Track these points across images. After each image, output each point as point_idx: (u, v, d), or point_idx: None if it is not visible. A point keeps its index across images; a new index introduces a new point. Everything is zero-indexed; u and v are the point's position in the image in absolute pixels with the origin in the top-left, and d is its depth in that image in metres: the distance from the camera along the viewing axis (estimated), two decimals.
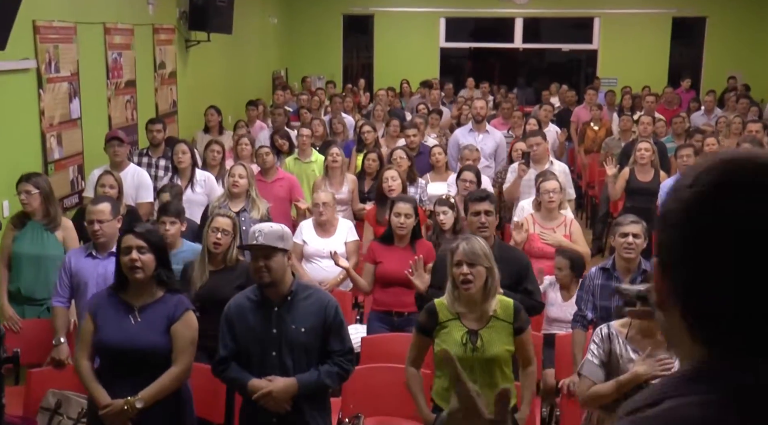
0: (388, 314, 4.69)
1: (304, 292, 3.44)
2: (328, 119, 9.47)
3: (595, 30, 15.14)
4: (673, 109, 10.91)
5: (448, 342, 3.36)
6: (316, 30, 14.95)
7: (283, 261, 3.37)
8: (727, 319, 0.88)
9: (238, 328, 3.39)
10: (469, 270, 3.32)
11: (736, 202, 0.88)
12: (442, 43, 15.44)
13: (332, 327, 3.38)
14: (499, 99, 11.02)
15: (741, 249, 0.86)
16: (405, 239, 4.75)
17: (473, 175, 5.94)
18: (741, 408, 0.84)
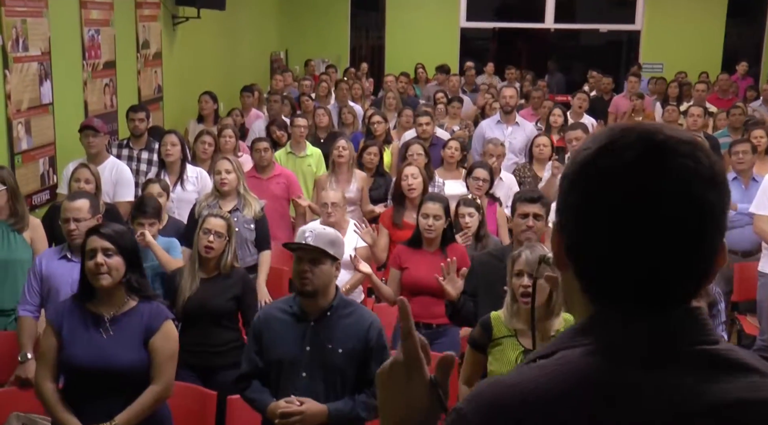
0: (416, 326, 4.66)
1: (345, 308, 3.42)
2: (331, 107, 9.48)
3: (639, 8, 15.08)
4: (728, 98, 10.86)
5: (502, 361, 3.36)
6: (320, 6, 14.96)
7: (330, 271, 3.37)
8: (605, 276, 1.08)
9: (266, 342, 3.38)
10: (530, 282, 3.30)
11: (614, 165, 1.06)
12: (462, 23, 15.42)
13: (374, 351, 3.34)
14: (527, 87, 11.00)
15: (614, 210, 1.05)
16: (434, 242, 4.77)
17: (486, 173, 5.92)
18: (613, 355, 1.04)
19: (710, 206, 1.06)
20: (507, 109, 7.91)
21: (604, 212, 1.06)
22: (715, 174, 1.07)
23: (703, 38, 14.55)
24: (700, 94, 10.00)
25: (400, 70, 12.82)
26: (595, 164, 1.08)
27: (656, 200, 1.04)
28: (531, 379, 1.04)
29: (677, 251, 1.05)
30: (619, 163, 1.06)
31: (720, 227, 1.08)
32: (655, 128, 1.10)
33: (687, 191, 1.05)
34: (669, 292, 1.07)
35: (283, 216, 6.43)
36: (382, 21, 15.58)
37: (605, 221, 1.06)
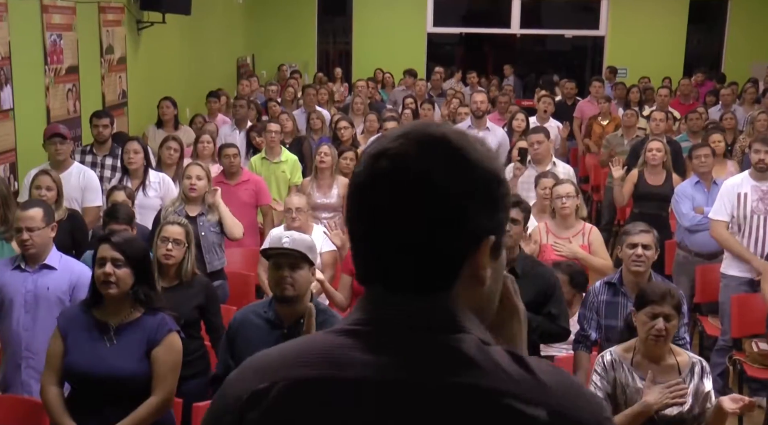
0: None
1: (318, 316, 3.37)
2: (299, 113, 9.46)
3: (603, 14, 15.25)
4: (690, 103, 11.00)
5: None
6: (287, 11, 14.93)
7: (308, 276, 3.37)
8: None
9: (240, 346, 3.36)
10: None
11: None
12: (429, 28, 15.48)
13: None
14: (494, 92, 11.06)
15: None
16: None
17: None
18: (361, 333, 1.14)
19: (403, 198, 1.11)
20: (478, 114, 7.94)
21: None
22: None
23: (665, 44, 14.74)
24: (662, 99, 10.11)
25: (367, 75, 12.84)
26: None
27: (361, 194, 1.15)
28: (282, 346, 1.22)
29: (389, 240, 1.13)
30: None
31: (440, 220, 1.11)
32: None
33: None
34: (400, 280, 1.13)
35: (250, 223, 6.39)
36: (349, 26, 15.59)
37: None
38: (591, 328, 4.07)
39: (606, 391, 3.26)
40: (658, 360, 3.28)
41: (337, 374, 1.11)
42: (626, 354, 3.34)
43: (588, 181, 9.87)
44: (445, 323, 1.13)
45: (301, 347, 1.19)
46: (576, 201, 5.31)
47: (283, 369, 1.15)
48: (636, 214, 6.78)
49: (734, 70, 14.00)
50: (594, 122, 9.86)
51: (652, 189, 6.73)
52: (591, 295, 4.15)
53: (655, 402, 3.13)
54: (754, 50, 14.28)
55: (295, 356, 1.16)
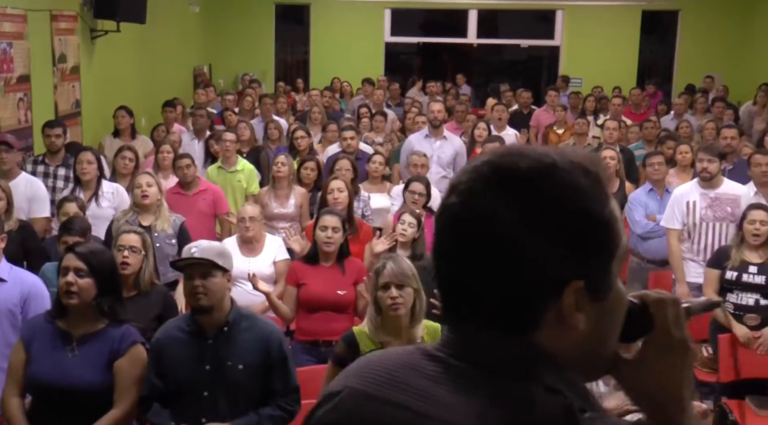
0: (314, 344, 4.64)
1: (243, 322, 3.40)
2: (256, 122, 9.44)
3: (558, 24, 15.46)
4: (641, 113, 11.19)
5: None
6: (244, 20, 14.89)
7: (222, 283, 3.35)
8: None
9: (167, 363, 3.34)
10: (398, 293, 3.34)
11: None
12: (387, 38, 15.55)
13: (275, 363, 3.34)
14: (451, 101, 11.13)
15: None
16: (331, 256, 4.74)
17: (423, 187, 5.94)
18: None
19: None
20: (435, 123, 7.99)
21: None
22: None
23: (619, 54, 14.98)
24: (616, 108, 10.27)
25: (325, 85, 12.85)
26: None
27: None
28: (379, 354, 1.20)
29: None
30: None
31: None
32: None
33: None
34: (457, 311, 1.09)
35: (209, 233, 6.34)
36: (307, 35, 15.59)
37: None
38: None
39: None
40: None
41: (395, 397, 1.06)
42: None
43: None
44: (515, 369, 1.04)
45: (388, 357, 1.16)
46: None
47: (356, 377, 1.14)
48: None
49: (686, 81, 14.27)
50: (550, 130, 9.98)
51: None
52: None
53: (614, 407, 3.17)
54: (705, 61, 14.58)
55: (375, 365, 1.14)
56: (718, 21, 14.66)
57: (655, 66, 15.58)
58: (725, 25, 14.64)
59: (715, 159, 5.71)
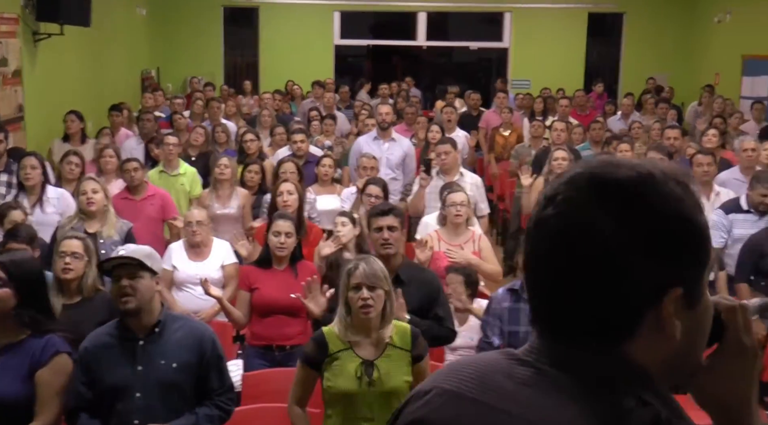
0: (268, 348, 4.63)
1: (174, 323, 3.38)
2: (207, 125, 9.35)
3: (506, 26, 15.62)
4: (586, 114, 11.35)
5: (340, 376, 3.36)
6: (192, 24, 14.77)
7: (151, 285, 3.32)
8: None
9: (96, 371, 3.29)
10: (369, 294, 3.34)
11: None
12: (336, 41, 15.55)
13: (210, 362, 3.33)
14: (401, 104, 11.17)
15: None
16: (284, 260, 4.73)
17: (380, 189, 5.94)
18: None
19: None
20: (383, 125, 8.00)
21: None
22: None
23: (566, 56, 15.20)
24: (563, 109, 10.40)
25: (275, 88, 12.79)
26: None
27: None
28: (469, 357, 1.26)
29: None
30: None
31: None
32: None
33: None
34: (562, 328, 1.10)
35: (158, 238, 6.27)
36: (256, 38, 15.51)
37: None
38: (494, 335, 4.15)
39: None
40: None
41: (487, 396, 1.09)
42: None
43: (493, 190, 10.06)
44: (607, 379, 1.05)
45: (476, 360, 1.20)
46: (469, 209, 5.42)
47: (445, 378, 1.16)
48: None
49: (632, 82, 14.54)
50: (496, 133, 10.06)
51: None
52: (494, 302, 4.22)
53: None
54: (650, 62, 14.86)
55: (464, 368, 1.17)
56: (661, 24, 14.97)
57: (601, 68, 15.83)
58: (669, 27, 14.96)
59: (665, 158, 5.81)
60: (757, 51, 12.43)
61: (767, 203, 5.56)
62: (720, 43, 13.81)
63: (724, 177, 6.60)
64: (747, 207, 5.66)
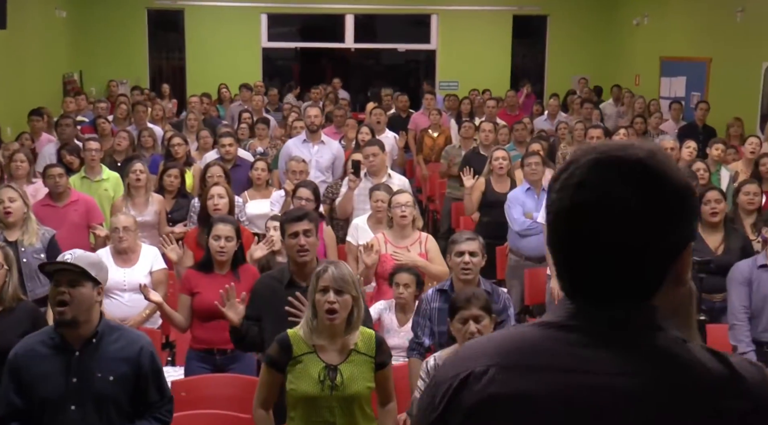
0: (209, 352, 4.60)
1: (112, 334, 3.30)
2: (132, 130, 9.18)
3: (433, 29, 15.74)
4: (515, 114, 11.51)
5: (303, 379, 3.34)
6: (115, 26, 14.48)
7: (91, 295, 3.23)
8: (563, 274, 1.30)
9: (28, 379, 3.19)
10: (336, 298, 3.31)
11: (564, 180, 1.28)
12: (264, 43, 15.44)
13: (149, 374, 3.27)
14: (329, 106, 11.15)
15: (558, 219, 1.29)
16: (225, 265, 4.69)
17: (310, 192, 5.88)
18: (534, 329, 1.30)
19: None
20: (312, 128, 7.97)
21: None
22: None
23: (492, 58, 15.40)
24: (490, 110, 10.53)
25: (202, 91, 12.63)
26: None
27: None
28: (490, 336, 1.36)
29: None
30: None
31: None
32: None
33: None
34: (606, 294, 1.25)
35: (83, 244, 6.12)
36: (182, 41, 15.30)
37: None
38: (424, 335, 4.17)
39: None
40: None
41: (550, 362, 1.22)
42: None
43: (422, 191, 10.13)
44: (650, 324, 1.24)
45: (512, 336, 1.31)
46: (414, 210, 5.43)
47: (497, 356, 1.26)
48: (484, 222, 7.01)
49: (556, 83, 14.81)
50: (425, 134, 10.12)
51: (500, 197, 6.89)
52: (424, 302, 4.25)
53: None
54: (573, 64, 15.17)
55: (508, 344, 1.28)
56: (583, 26, 15.30)
57: (527, 69, 16.10)
58: (590, 30, 15.30)
59: None
60: (674, 53, 12.82)
61: None
62: (639, 46, 14.19)
63: None
64: None
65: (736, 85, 10.85)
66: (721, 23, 11.25)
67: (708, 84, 11.84)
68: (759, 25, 10.05)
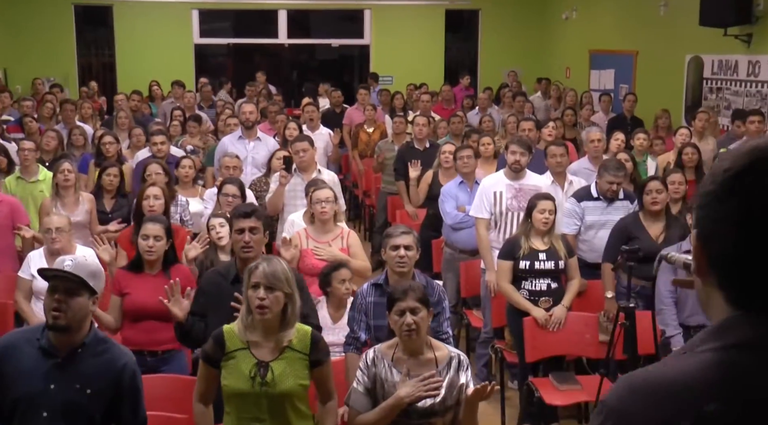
0: (140, 354, 4.50)
1: (98, 345, 3.23)
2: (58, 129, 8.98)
3: (366, 23, 15.75)
4: (451, 108, 11.61)
5: (235, 375, 3.33)
6: (41, 22, 14.13)
7: (86, 304, 3.18)
8: (756, 285, 1.17)
9: (6, 376, 3.11)
10: (266, 295, 3.30)
11: (759, 184, 1.15)
12: (196, 39, 15.25)
13: (126, 392, 3.21)
14: (263, 102, 11.07)
15: (752, 229, 1.15)
16: (156, 265, 4.64)
17: (236, 188, 5.90)
18: (746, 351, 1.15)
19: None
20: (248, 124, 7.92)
21: (753, 228, 1.15)
22: None
23: (426, 52, 15.49)
24: (425, 104, 10.58)
25: (133, 88, 12.40)
26: (741, 185, 1.17)
27: None
28: (676, 368, 1.18)
29: None
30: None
31: None
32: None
33: None
34: None
35: (7, 246, 6.00)
36: (112, 38, 15.01)
37: (755, 237, 1.15)
38: (360, 329, 4.19)
39: (366, 386, 3.41)
40: (416, 354, 3.46)
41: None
42: (388, 350, 3.49)
43: (358, 186, 10.15)
44: None
45: (699, 371, 1.16)
46: (334, 206, 5.46)
47: (712, 390, 1.13)
48: (430, 215, 7.05)
49: (489, 76, 14.98)
50: (360, 129, 10.14)
51: None
52: (359, 297, 4.26)
53: (406, 395, 3.30)
54: (506, 57, 15.36)
55: (700, 382, 1.14)
56: (514, 20, 15.50)
57: (461, 63, 16.23)
58: (521, 24, 15.50)
59: (526, 152, 5.99)
60: (602, 46, 13.09)
61: (614, 190, 5.85)
62: (569, 39, 14.44)
63: (575, 167, 6.91)
64: (597, 195, 5.94)
65: (662, 77, 11.14)
66: (646, 17, 11.52)
67: (635, 76, 12.12)
68: (682, 18, 10.32)
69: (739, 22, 9.08)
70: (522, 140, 6.24)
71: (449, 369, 3.48)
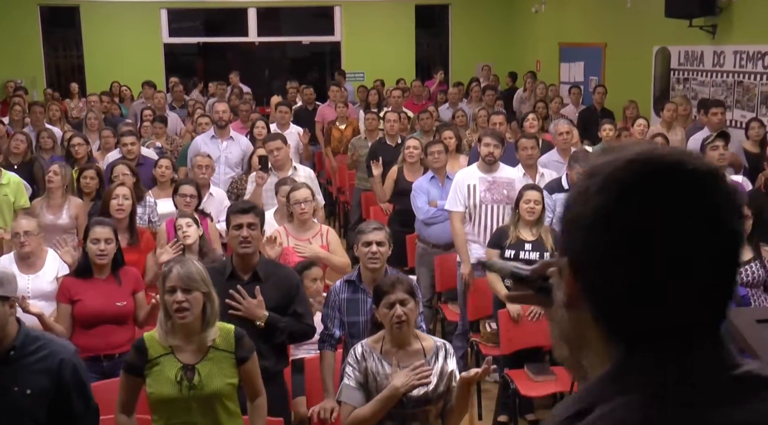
0: (95, 359, 4.46)
1: (32, 345, 3.18)
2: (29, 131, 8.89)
3: (337, 20, 15.74)
4: (422, 103, 11.63)
5: (161, 381, 3.32)
6: (5, 23, 14.00)
7: (3, 312, 3.11)
8: (644, 320, 1.00)
9: None
10: (184, 297, 3.30)
11: (642, 208, 0.99)
12: (165, 39, 15.16)
13: (72, 387, 3.18)
14: (234, 101, 11.03)
15: (649, 253, 0.98)
16: (106, 268, 4.60)
17: (193, 188, 5.94)
18: (665, 402, 0.97)
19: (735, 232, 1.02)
20: (221, 124, 7.90)
21: (636, 257, 0.99)
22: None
23: (397, 48, 15.52)
24: (396, 100, 10.58)
25: (102, 89, 12.31)
26: (622, 211, 1.00)
27: (697, 231, 0.99)
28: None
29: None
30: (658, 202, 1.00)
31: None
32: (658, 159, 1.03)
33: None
34: (703, 324, 1.02)
35: None
36: (80, 38, 14.87)
37: (638, 267, 0.99)
38: (335, 326, 4.20)
39: (358, 381, 3.42)
40: (404, 345, 3.49)
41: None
42: (375, 344, 3.51)
43: (332, 183, 10.15)
44: (730, 356, 1.03)
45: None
46: (313, 204, 5.47)
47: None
48: (398, 210, 7.07)
49: (460, 71, 15.02)
50: (333, 126, 10.13)
51: (411, 185, 6.85)
52: (332, 294, 4.28)
53: (402, 384, 3.32)
54: (476, 52, 15.41)
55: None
56: (484, 14, 15.56)
57: (432, 58, 16.27)
58: (491, 18, 15.58)
59: (499, 144, 6.03)
60: (572, 39, 13.18)
61: None
62: (539, 32, 14.52)
63: (545, 160, 6.96)
64: (567, 186, 5.99)
65: (630, 68, 11.24)
66: (613, 9, 11.60)
67: (604, 69, 12.22)
68: (648, 10, 10.42)
69: (703, 14, 9.19)
70: (495, 132, 6.28)
71: (437, 357, 3.53)
